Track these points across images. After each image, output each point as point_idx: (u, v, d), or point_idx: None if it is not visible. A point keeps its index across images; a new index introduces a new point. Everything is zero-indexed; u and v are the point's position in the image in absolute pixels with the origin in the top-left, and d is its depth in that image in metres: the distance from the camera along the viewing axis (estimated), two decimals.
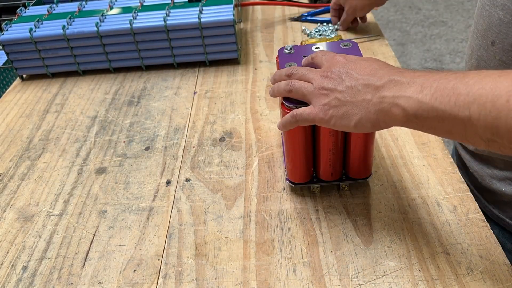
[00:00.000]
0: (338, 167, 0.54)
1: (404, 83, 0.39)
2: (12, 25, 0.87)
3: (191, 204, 0.57)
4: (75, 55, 0.86)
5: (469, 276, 0.46)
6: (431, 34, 2.61)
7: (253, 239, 0.52)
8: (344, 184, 0.56)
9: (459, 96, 0.35)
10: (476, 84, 0.34)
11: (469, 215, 0.52)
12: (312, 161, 0.54)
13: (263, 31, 0.97)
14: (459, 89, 0.35)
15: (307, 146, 0.52)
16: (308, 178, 0.56)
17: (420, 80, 0.38)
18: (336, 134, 0.50)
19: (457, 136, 0.37)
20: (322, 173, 0.55)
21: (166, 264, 0.50)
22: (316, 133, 0.51)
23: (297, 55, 0.54)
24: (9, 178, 0.65)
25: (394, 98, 0.39)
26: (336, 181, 0.55)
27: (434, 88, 0.36)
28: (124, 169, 0.64)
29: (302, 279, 0.47)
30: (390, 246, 0.50)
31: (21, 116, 0.78)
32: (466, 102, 0.34)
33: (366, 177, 0.55)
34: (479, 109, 0.33)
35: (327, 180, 0.55)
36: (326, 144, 0.51)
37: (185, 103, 0.76)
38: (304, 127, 0.49)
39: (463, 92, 0.34)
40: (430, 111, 0.37)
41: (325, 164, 0.53)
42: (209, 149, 0.66)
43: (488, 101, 0.33)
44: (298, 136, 0.50)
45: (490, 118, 0.33)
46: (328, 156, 0.52)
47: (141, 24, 0.82)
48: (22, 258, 0.53)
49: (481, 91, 0.34)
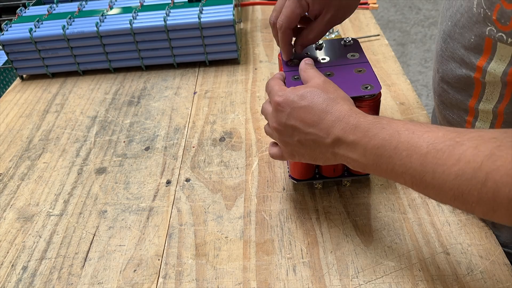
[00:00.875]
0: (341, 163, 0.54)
1: (349, 145, 0.41)
2: (12, 25, 0.87)
3: (191, 204, 0.57)
4: (75, 55, 0.86)
5: (469, 276, 0.46)
6: (431, 34, 2.61)
7: (253, 239, 0.52)
8: (346, 180, 0.56)
9: (395, 166, 0.38)
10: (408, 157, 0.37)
11: (469, 215, 0.52)
12: None
13: (263, 31, 0.97)
14: (394, 160, 0.38)
15: None
16: (311, 175, 0.56)
17: (362, 143, 0.40)
18: None
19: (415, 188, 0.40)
20: (324, 169, 0.55)
21: (166, 264, 0.50)
22: None
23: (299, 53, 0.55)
24: (9, 178, 0.65)
25: (344, 157, 0.42)
26: (339, 177, 0.56)
27: (374, 155, 0.39)
28: (124, 169, 0.64)
29: (302, 279, 0.47)
30: (390, 246, 0.50)
31: (21, 116, 0.78)
32: (401, 172, 0.38)
33: (368, 173, 0.55)
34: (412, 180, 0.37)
35: (329, 176, 0.55)
36: None
37: (185, 103, 0.76)
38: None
39: (398, 163, 0.38)
40: (376, 172, 0.40)
41: None
42: (209, 149, 0.66)
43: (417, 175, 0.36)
44: None
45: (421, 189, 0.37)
46: None
47: (141, 24, 0.82)
48: (22, 258, 0.53)
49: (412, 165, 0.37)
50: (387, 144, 0.38)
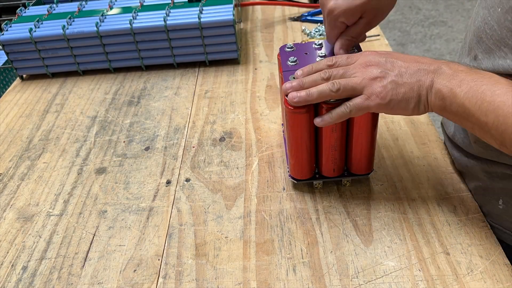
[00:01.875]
0: (340, 163, 0.54)
1: (449, 74, 0.42)
2: (12, 25, 0.87)
3: (191, 204, 0.57)
4: (75, 55, 0.86)
5: (469, 276, 0.46)
6: (431, 34, 2.61)
7: (253, 239, 0.52)
8: (346, 180, 0.56)
9: (484, 102, 0.39)
10: (501, 96, 0.38)
11: (469, 215, 0.52)
12: (314, 158, 0.54)
13: (263, 31, 0.97)
14: (486, 95, 0.39)
15: (310, 142, 0.52)
16: (311, 175, 0.56)
17: (461, 76, 0.41)
18: (338, 130, 0.50)
19: (477, 134, 0.42)
20: (325, 169, 0.55)
21: (166, 264, 0.50)
22: (318, 130, 0.51)
23: (298, 52, 0.55)
24: (9, 178, 0.65)
25: (441, 85, 0.42)
26: (338, 177, 0.56)
27: (469, 87, 0.40)
28: (124, 169, 0.64)
29: (302, 279, 0.47)
30: (390, 246, 0.50)
31: (21, 116, 0.78)
32: (487, 109, 0.38)
33: (367, 173, 0.55)
34: (495, 119, 0.38)
35: (329, 176, 0.55)
36: (329, 140, 0.51)
37: (185, 103, 0.76)
38: (308, 123, 0.49)
39: (488, 99, 0.38)
40: (460, 107, 0.41)
41: (327, 160, 0.53)
42: (209, 149, 0.66)
43: (503, 115, 0.37)
44: (302, 132, 0.50)
45: (500, 130, 0.38)
46: (330, 152, 0.52)
47: (141, 24, 0.82)
48: (22, 258, 0.53)
49: (501, 104, 0.38)
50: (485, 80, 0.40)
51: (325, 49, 0.55)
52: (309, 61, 0.53)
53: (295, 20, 0.99)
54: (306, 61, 0.53)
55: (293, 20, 0.99)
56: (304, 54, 0.55)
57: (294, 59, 0.53)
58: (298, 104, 0.47)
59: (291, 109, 0.48)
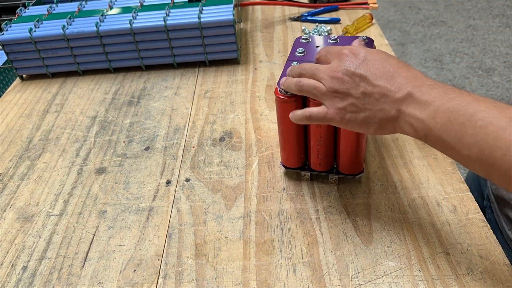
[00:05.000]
0: (327, 159, 0.55)
1: (421, 103, 0.39)
2: (12, 25, 0.87)
3: (191, 204, 0.57)
4: (75, 55, 0.86)
5: (469, 276, 0.46)
6: (431, 34, 2.61)
7: (253, 239, 0.52)
8: (332, 177, 0.57)
9: (464, 135, 0.36)
10: (484, 127, 0.35)
11: (469, 215, 0.52)
12: (303, 148, 0.56)
13: (263, 31, 0.97)
14: (466, 127, 0.35)
15: (299, 133, 0.53)
16: (299, 164, 0.57)
17: (436, 104, 0.38)
18: (323, 126, 0.51)
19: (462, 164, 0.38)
20: (312, 162, 0.56)
21: (166, 264, 0.50)
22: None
23: (311, 45, 0.56)
24: (9, 178, 0.65)
25: (410, 116, 0.39)
26: (325, 172, 0.57)
27: (446, 119, 0.37)
28: (124, 169, 0.64)
29: (302, 279, 0.47)
30: (390, 246, 0.50)
31: (21, 116, 0.78)
32: (469, 143, 0.35)
33: (355, 174, 0.55)
34: (479, 153, 0.35)
35: (316, 170, 0.57)
36: (314, 134, 0.52)
37: (185, 103, 0.76)
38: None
39: (469, 132, 0.35)
40: (437, 140, 0.38)
41: (313, 153, 0.55)
42: (209, 149, 0.66)
43: (488, 148, 0.34)
44: (289, 120, 0.50)
45: (486, 164, 0.35)
46: (316, 146, 0.54)
47: (141, 24, 0.82)
48: (22, 258, 0.53)
49: (485, 137, 0.34)
50: (462, 110, 0.36)
51: (340, 44, 0.56)
52: (315, 54, 0.53)
53: (295, 20, 0.99)
54: (314, 53, 0.55)
55: (293, 20, 0.99)
56: (316, 47, 0.56)
57: (302, 50, 0.55)
58: (281, 87, 0.49)
59: (279, 98, 0.50)
